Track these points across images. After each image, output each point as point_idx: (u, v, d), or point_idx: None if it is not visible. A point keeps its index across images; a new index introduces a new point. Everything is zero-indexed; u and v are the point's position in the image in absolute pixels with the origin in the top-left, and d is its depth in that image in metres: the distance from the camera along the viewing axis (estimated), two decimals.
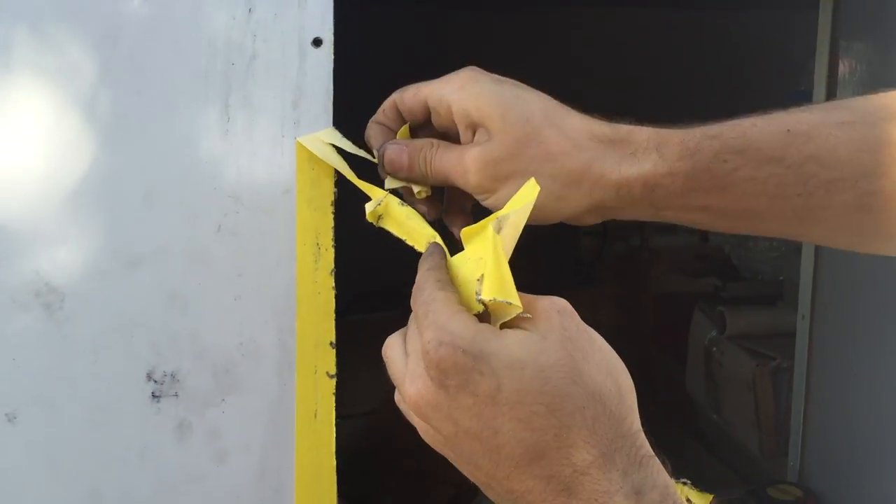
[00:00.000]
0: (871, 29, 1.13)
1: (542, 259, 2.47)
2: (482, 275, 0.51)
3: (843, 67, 1.18)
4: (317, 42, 0.67)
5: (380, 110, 0.67)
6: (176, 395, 0.65)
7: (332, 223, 0.67)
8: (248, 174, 0.66)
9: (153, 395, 0.65)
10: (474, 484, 0.54)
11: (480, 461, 0.50)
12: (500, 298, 0.49)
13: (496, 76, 0.63)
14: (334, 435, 0.67)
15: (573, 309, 0.52)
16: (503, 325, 0.50)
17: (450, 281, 0.54)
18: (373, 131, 0.66)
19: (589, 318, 0.59)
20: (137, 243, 0.64)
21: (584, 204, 0.61)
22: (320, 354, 0.67)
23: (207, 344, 0.66)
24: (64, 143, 0.63)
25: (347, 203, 0.68)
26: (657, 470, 0.49)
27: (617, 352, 0.54)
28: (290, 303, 0.67)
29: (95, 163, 0.63)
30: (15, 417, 0.63)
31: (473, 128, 0.62)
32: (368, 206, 0.62)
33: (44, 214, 0.63)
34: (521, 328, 0.50)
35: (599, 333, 0.59)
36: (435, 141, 0.64)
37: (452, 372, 0.48)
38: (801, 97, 1.30)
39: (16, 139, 0.62)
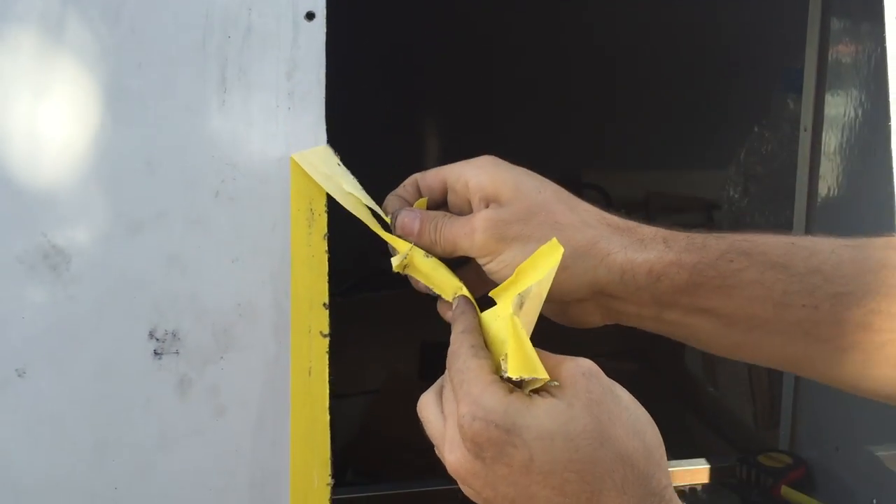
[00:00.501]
0: (862, 6, 1.15)
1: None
2: (506, 354, 0.54)
3: (834, 47, 1.20)
4: (310, 16, 0.70)
5: (400, 186, 0.69)
6: (177, 353, 0.69)
7: (324, 194, 0.70)
8: (244, 142, 0.69)
9: (155, 353, 0.68)
10: None
11: None
12: (526, 377, 0.52)
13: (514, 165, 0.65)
14: (328, 391, 0.70)
15: (598, 368, 0.54)
16: (532, 391, 0.53)
17: (483, 345, 0.57)
18: (390, 200, 0.68)
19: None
20: (139, 208, 0.68)
21: (585, 280, 0.61)
22: (314, 315, 0.70)
23: (206, 304, 0.69)
24: (69, 114, 0.66)
25: (360, 176, 0.71)
26: None
27: (622, 336, 0.57)
28: (286, 266, 0.70)
29: (99, 132, 0.67)
30: (24, 373, 0.66)
31: (487, 200, 0.63)
32: (394, 260, 0.65)
33: (51, 181, 0.66)
34: (549, 394, 0.53)
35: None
36: (448, 213, 0.66)
37: (487, 445, 0.52)
38: (797, 75, 1.32)
39: (24, 110, 0.65)
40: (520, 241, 0.61)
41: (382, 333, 2.11)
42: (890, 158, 0.94)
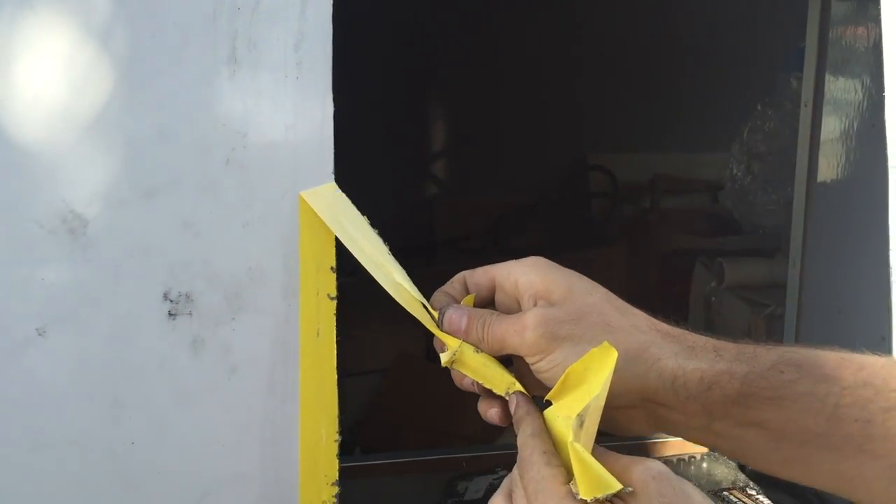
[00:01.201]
0: None
1: (554, 220, 2.53)
2: (574, 479, 0.53)
3: (835, 26, 1.21)
4: None
5: (448, 283, 0.68)
6: (190, 314, 0.71)
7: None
8: (253, 112, 0.72)
9: (169, 314, 0.71)
10: (485, 436, 0.58)
11: None
12: (601, 496, 0.52)
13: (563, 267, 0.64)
14: (335, 352, 0.73)
15: (668, 469, 0.54)
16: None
17: (554, 450, 0.56)
18: (438, 297, 0.67)
19: (603, 276, 0.64)
20: (152, 175, 0.70)
21: (636, 385, 0.59)
22: (322, 278, 0.73)
23: (218, 268, 0.72)
24: (86, 84, 0.68)
25: (365, 155, 0.73)
26: None
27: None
28: (294, 231, 0.72)
29: (114, 101, 0.69)
30: (44, 332, 0.69)
31: (537, 298, 0.62)
32: (443, 357, 0.64)
33: (68, 148, 0.69)
34: (623, 501, 0.52)
35: (613, 292, 0.63)
36: (495, 311, 0.64)
37: None
38: (800, 54, 1.33)
39: (42, 81, 0.67)
40: (571, 342, 0.60)
41: (390, 314, 2.14)
42: (885, 136, 0.96)
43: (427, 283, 0.76)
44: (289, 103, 0.72)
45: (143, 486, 0.70)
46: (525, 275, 0.63)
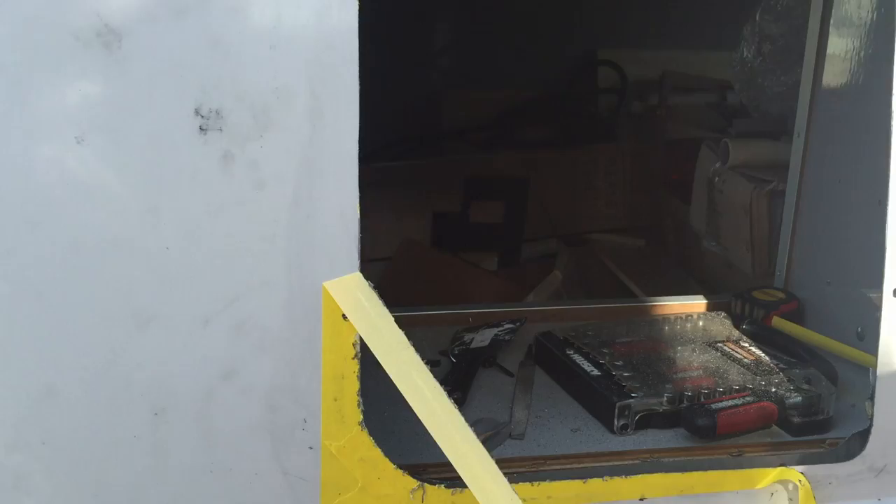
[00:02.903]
0: None
1: (561, 115, 2.54)
2: None
3: None
4: None
5: None
6: (220, 130, 0.75)
7: None
8: None
9: (200, 129, 0.74)
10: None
11: None
12: None
13: None
14: (357, 171, 0.77)
15: None
16: None
17: None
18: None
19: (607, 169, 0.66)
20: None
21: None
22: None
23: (246, 86, 0.75)
24: None
25: (380, 44, 0.75)
26: None
27: (631, 214, 0.60)
28: (321, 53, 0.75)
29: None
30: (83, 140, 0.72)
31: None
32: None
33: None
34: None
35: (614, 184, 0.63)
36: None
37: None
38: None
39: None
40: None
41: (396, 203, 2.18)
42: (894, 18, 0.97)
43: (435, 173, 0.79)
44: None
45: (178, 288, 0.75)
46: None
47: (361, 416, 0.79)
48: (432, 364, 1.20)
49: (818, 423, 1.00)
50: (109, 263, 0.74)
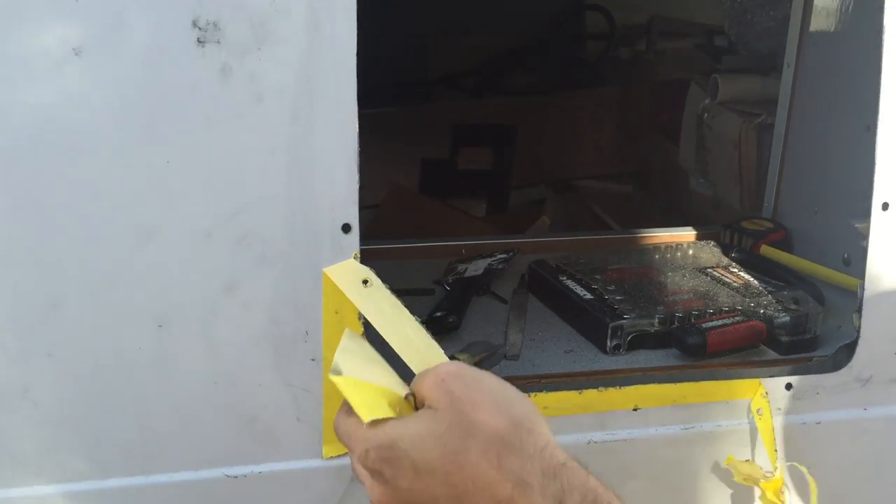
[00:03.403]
0: None
1: (549, 60, 2.53)
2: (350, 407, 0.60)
3: None
4: None
5: None
6: (218, 42, 0.75)
7: None
8: None
9: (198, 41, 0.74)
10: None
11: None
12: (376, 416, 0.59)
13: None
14: (355, 85, 0.77)
15: (460, 367, 0.61)
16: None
17: (349, 412, 0.61)
18: None
19: (594, 115, 0.67)
20: None
21: None
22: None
23: None
24: None
25: None
26: (572, 473, 0.58)
27: (619, 160, 0.61)
28: None
29: None
30: (80, 52, 0.72)
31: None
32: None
33: None
34: (422, 407, 0.60)
35: (602, 130, 0.65)
36: None
37: (382, 467, 0.58)
38: None
39: None
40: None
41: (383, 150, 2.17)
42: None
43: (423, 120, 0.79)
44: None
45: (179, 201, 0.76)
46: None
47: (363, 329, 0.80)
48: (427, 292, 1.22)
49: (806, 342, 1.03)
50: (111, 177, 0.74)
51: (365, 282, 0.72)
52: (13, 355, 0.75)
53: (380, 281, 0.73)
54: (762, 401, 0.88)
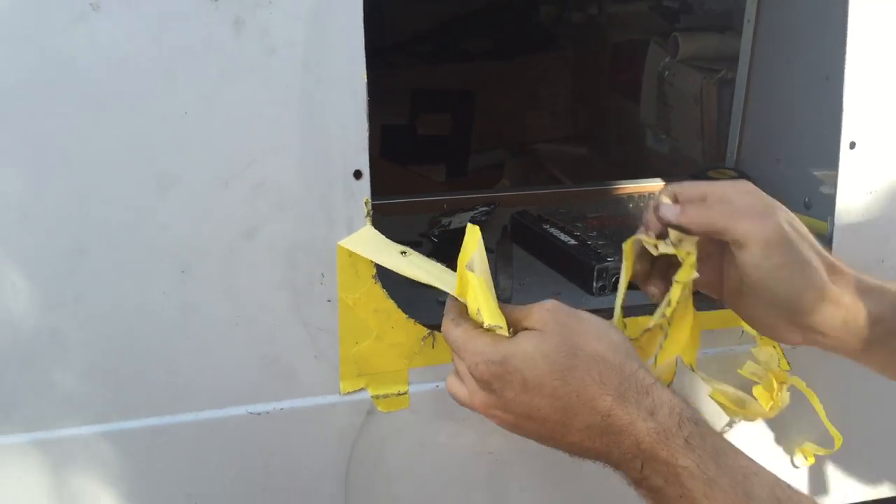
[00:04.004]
0: None
1: (504, 25, 2.57)
2: (478, 309, 0.71)
3: None
4: None
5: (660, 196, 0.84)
6: None
7: None
8: None
9: None
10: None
11: (541, 431, 0.70)
12: (497, 323, 0.70)
13: None
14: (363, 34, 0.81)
15: (560, 302, 0.73)
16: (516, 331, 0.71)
17: (463, 316, 0.73)
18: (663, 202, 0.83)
19: (549, 79, 0.74)
20: None
21: (808, 318, 0.75)
22: None
23: None
24: None
25: None
26: (661, 392, 0.68)
27: (572, 123, 0.70)
28: None
29: None
30: (98, 7, 0.74)
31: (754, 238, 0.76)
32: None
33: None
34: (526, 329, 0.70)
35: (557, 94, 0.73)
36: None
37: (493, 379, 0.68)
38: None
39: None
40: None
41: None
42: None
43: (382, 86, 0.83)
44: None
45: (197, 151, 0.78)
46: (741, 214, 0.75)
47: (375, 271, 0.84)
48: (414, 245, 1.26)
49: None
50: (132, 128, 0.77)
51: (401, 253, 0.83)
52: (41, 302, 0.77)
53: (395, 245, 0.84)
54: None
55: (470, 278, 0.72)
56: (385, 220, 1.32)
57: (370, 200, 0.83)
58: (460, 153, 2.41)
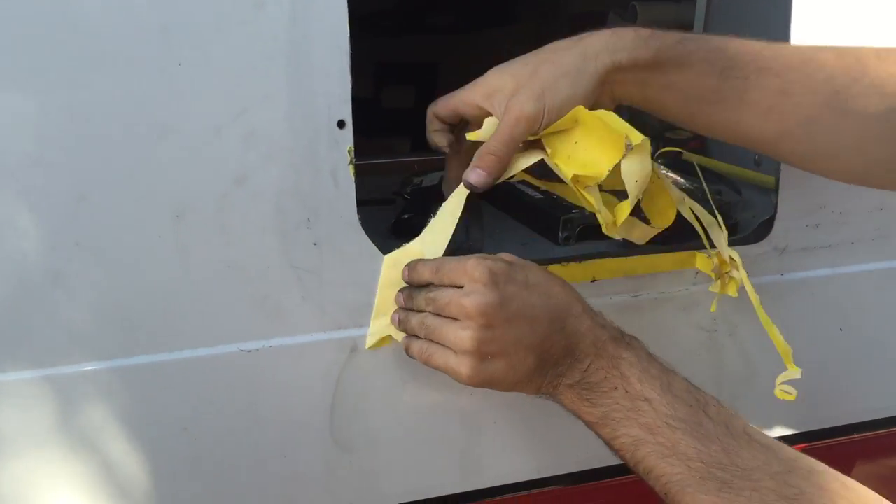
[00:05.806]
0: None
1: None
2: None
3: None
4: None
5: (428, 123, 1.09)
6: None
7: None
8: None
9: None
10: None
11: (530, 339, 0.80)
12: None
13: None
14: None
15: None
16: None
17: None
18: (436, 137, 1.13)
19: (511, 51, 0.86)
20: None
21: (600, 79, 0.92)
22: None
23: None
24: None
25: None
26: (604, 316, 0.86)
27: None
28: None
29: None
30: None
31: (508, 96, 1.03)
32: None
33: None
34: None
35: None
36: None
37: (499, 274, 0.81)
38: None
39: None
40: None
41: None
42: None
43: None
44: None
45: (191, 101, 0.83)
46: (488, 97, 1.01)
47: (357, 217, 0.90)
48: (388, 202, 1.32)
49: (729, 228, 1.18)
50: (128, 78, 0.81)
51: None
52: (45, 245, 0.81)
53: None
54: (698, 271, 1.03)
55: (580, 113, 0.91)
56: (358, 181, 1.38)
57: (353, 149, 0.88)
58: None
